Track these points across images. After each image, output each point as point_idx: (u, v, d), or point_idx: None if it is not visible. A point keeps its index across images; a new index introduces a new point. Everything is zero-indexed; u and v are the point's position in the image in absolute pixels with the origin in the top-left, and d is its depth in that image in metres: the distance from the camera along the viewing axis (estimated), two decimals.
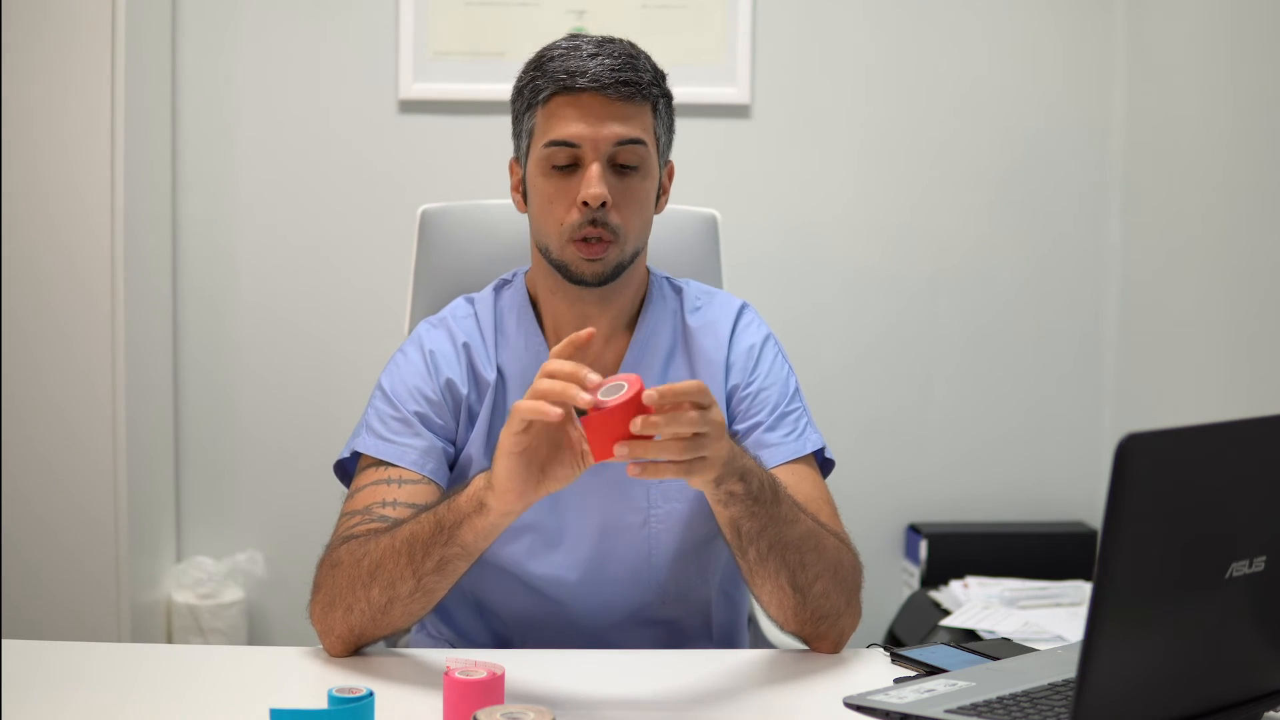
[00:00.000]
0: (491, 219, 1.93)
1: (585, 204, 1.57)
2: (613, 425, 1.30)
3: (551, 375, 1.34)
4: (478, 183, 2.78)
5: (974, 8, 3.04)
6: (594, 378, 1.33)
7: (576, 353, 1.38)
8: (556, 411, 1.31)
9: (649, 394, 1.29)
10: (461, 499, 1.42)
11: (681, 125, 2.90)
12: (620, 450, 1.29)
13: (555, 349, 1.39)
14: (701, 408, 1.32)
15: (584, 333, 1.39)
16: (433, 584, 1.46)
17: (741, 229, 2.93)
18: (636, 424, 1.29)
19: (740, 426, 1.65)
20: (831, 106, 3.04)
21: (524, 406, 1.33)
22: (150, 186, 2.86)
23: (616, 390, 1.31)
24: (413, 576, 1.45)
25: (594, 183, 1.56)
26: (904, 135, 3.05)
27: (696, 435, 1.31)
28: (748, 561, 1.48)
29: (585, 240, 1.58)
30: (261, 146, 3.00)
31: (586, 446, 1.35)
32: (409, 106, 3.00)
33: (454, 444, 1.64)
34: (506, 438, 1.36)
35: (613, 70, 1.58)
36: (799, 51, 3.03)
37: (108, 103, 2.64)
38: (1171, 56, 2.88)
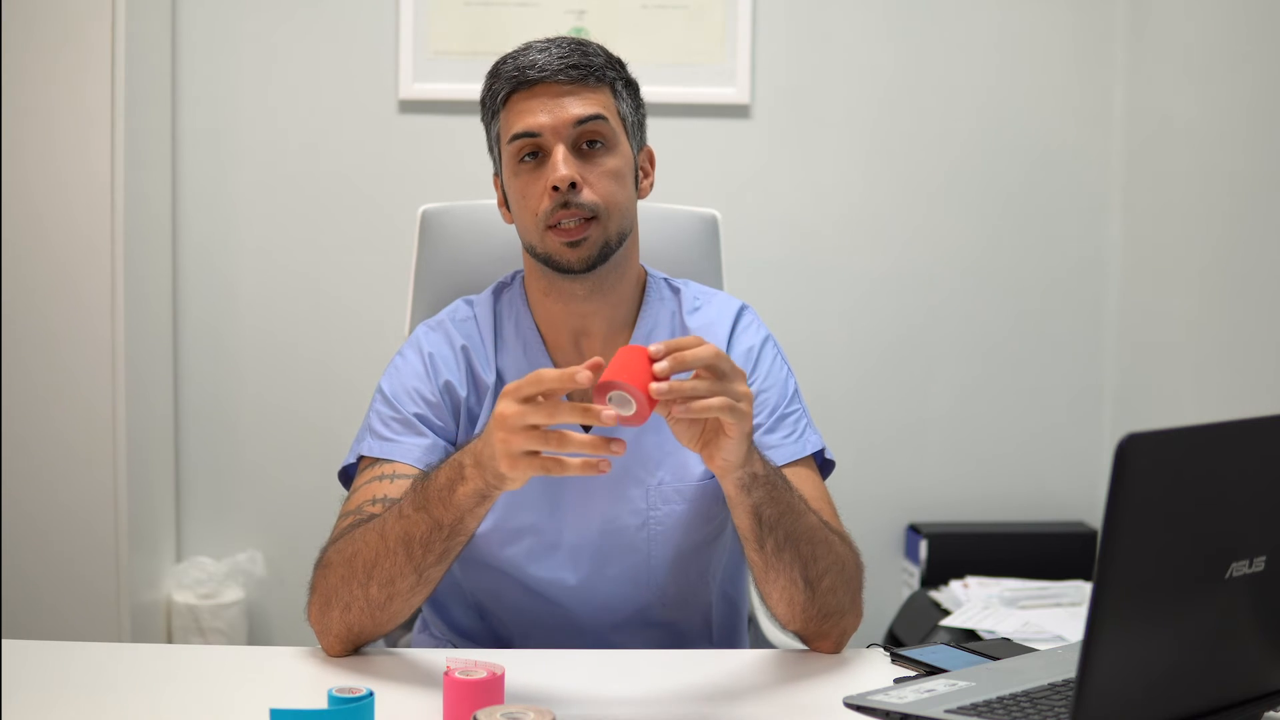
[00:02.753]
0: (492, 219, 1.93)
1: (555, 188, 1.57)
2: (636, 374, 1.31)
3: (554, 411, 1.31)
4: (478, 183, 2.76)
5: (974, 8, 3.04)
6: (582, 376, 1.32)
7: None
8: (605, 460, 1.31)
9: (655, 348, 1.31)
10: (459, 495, 1.41)
11: (681, 125, 2.94)
12: (658, 388, 1.30)
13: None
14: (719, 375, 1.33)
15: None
16: (434, 574, 1.47)
17: (741, 229, 2.93)
18: (662, 368, 1.30)
19: None
20: (831, 106, 3.04)
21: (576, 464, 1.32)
22: (150, 187, 2.86)
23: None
24: (414, 572, 1.45)
25: (559, 165, 1.57)
26: (904, 135, 3.05)
27: (724, 390, 1.32)
28: (765, 554, 1.47)
29: (561, 225, 1.58)
30: (261, 146, 3.00)
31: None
32: (409, 106, 3.00)
33: (454, 445, 1.64)
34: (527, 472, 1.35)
35: (561, 58, 1.60)
36: (799, 51, 3.03)
37: (108, 103, 2.64)
38: (1172, 60, 2.88)
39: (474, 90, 2.90)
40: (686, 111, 2.97)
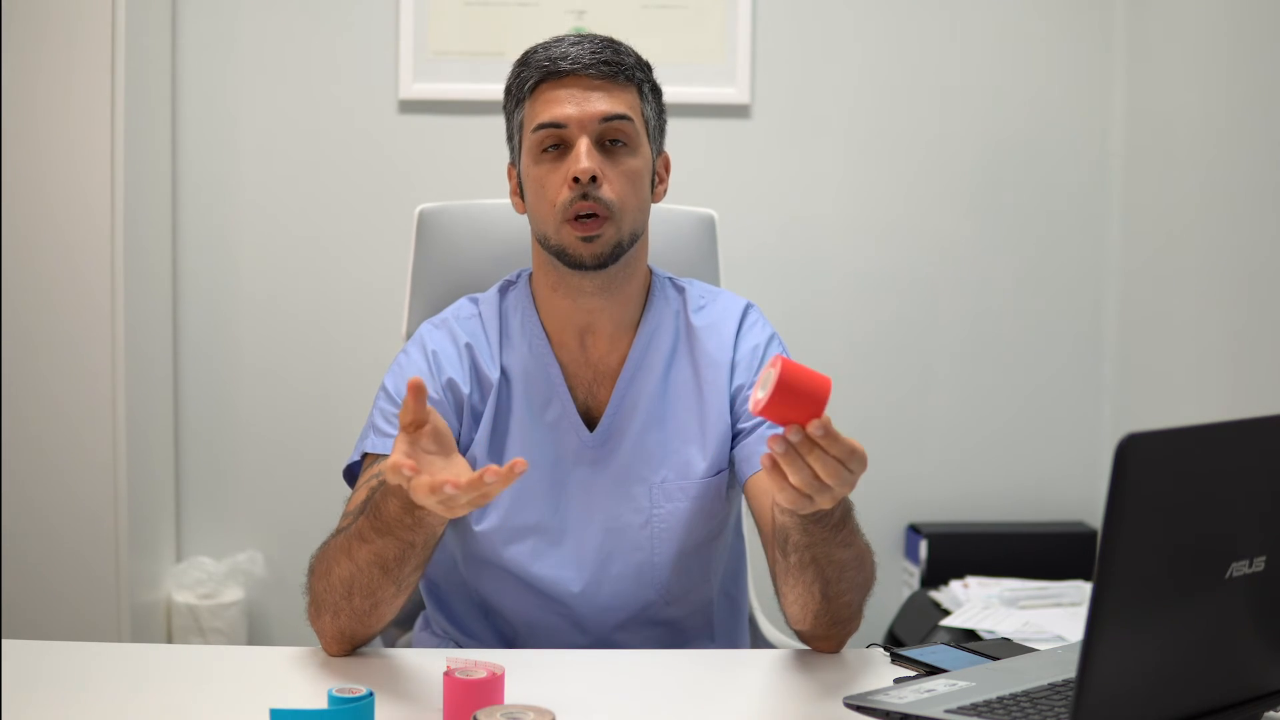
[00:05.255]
0: (490, 219, 1.93)
1: (576, 180, 1.57)
2: (793, 409, 1.27)
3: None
4: (477, 183, 2.78)
5: (974, 8, 3.04)
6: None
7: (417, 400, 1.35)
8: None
9: (814, 426, 1.26)
10: (429, 521, 1.42)
11: (681, 125, 2.93)
12: (777, 446, 1.27)
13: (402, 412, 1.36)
14: (850, 470, 1.30)
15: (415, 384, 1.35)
16: (415, 579, 1.49)
17: (740, 229, 2.93)
18: (815, 429, 1.26)
19: (744, 425, 1.66)
20: (831, 106, 3.04)
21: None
22: (150, 186, 2.86)
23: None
24: (393, 584, 1.48)
25: (582, 157, 1.57)
26: (903, 135, 3.05)
27: (825, 485, 1.30)
28: (786, 563, 1.48)
29: (579, 218, 1.58)
30: (261, 146, 3.00)
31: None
32: (409, 106, 3.00)
33: (457, 442, 1.64)
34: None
35: (594, 53, 1.61)
36: (799, 51, 3.03)
37: (108, 103, 2.64)
38: (1171, 56, 2.88)
39: (474, 90, 2.95)
40: (686, 111, 2.97)
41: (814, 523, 1.41)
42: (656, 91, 1.68)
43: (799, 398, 1.27)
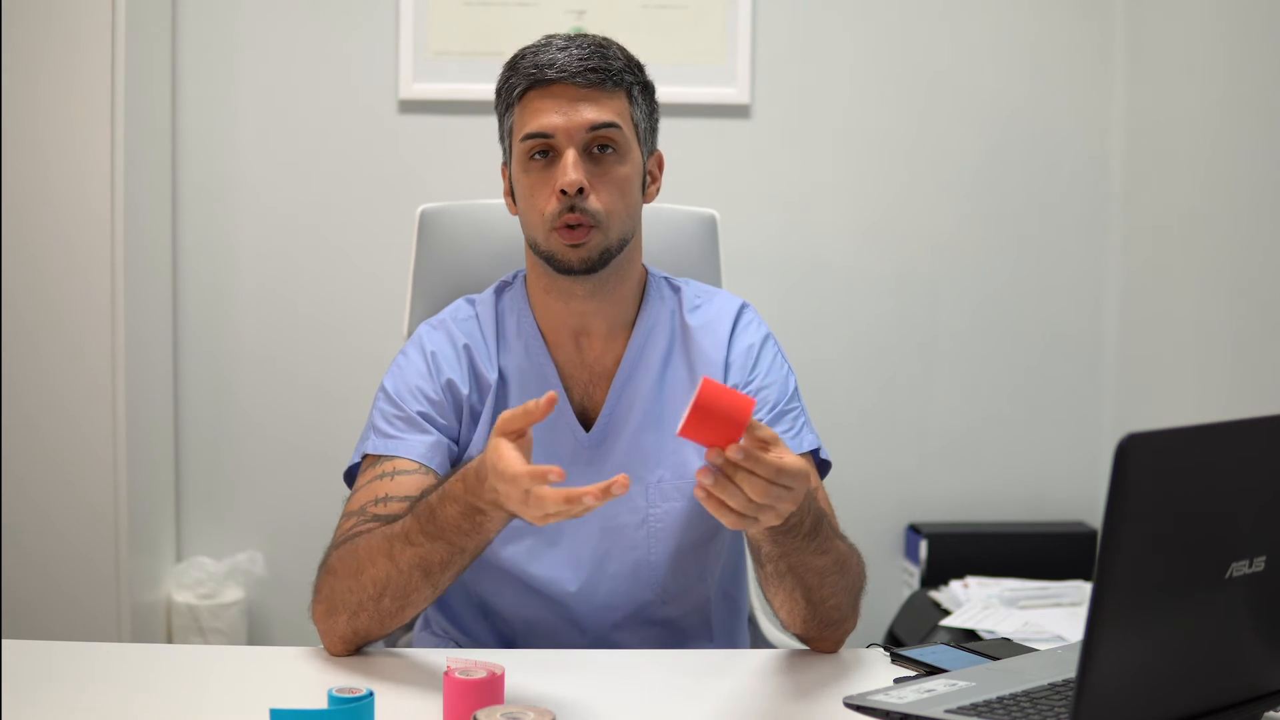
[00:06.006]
0: (491, 219, 1.93)
1: (563, 192, 1.58)
2: (712, 431, 1.27)
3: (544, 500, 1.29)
4: (477, 183, 2.78)
5: (974, 8, 3.04)
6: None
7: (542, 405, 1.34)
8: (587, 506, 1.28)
9: (733, 449, 1.27)
10: (487, 527, 1.42)
11: (681, 125, 2.94)
12: (705, 479, 1.27)
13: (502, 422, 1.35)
14: (785, 487, 1.29)
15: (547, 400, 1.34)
16: (449, 584, 1.49)
17: (741, 229, 2.93)
18: (734, 452, 1.26)
19: None
20: (831, 106, 3.04)
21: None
22: (150, 186, 2.86)
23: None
24: (430, 588, 1.48)
25: (569, 170, 1.58)
26: (904, 135, 3.05)
27: (763, 505, 1.29)
28: (764, 572, 1.49)
29: (568, 227, 1.58)
30: (261, 146, 3.00)
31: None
32: (409, 106, 3.00)
33: (456, 442, 1.65)
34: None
35: (581, 60, 1.60)
36: (799, 51, 3.03)
37: (108, 103, 2.64)
38: (1171, 57, 2.88)
39: (474, 90, 2.95)
40: (686, 111, 2.97)
41: (783, 534, 1.41)
42: (648, 91, 1.67)
43: (716, 419, 1.26)
